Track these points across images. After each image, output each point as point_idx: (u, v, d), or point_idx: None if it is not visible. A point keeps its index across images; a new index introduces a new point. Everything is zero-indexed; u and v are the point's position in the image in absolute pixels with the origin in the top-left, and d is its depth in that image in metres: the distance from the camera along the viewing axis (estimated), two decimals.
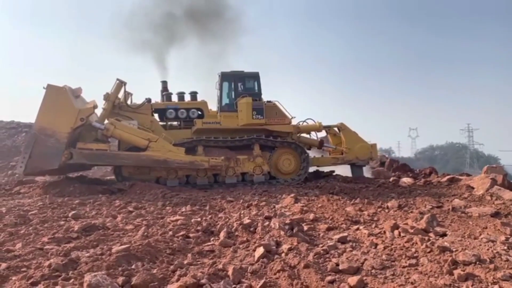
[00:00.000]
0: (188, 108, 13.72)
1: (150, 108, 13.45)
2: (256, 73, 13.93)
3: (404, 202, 7.88)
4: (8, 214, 7.30)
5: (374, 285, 3.47)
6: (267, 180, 13.02)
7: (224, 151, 12.97)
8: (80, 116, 11.28)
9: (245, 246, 4.92)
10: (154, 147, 11.91)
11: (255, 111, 13.14)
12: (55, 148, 10.96)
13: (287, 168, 13.44)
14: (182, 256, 4.54)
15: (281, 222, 5.76)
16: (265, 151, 13.35)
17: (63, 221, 6.76)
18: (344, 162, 14.64)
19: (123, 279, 3.37)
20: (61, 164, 11.12)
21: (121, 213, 7.58)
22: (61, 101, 11.24)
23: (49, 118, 11.09)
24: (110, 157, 12.06)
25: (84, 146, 11.70)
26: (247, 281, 3.61)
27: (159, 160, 11.92)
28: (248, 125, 13.16)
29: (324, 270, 3.87)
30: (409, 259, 4.10)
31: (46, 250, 4.72)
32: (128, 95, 13.35)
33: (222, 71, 13.83)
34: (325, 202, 8.10)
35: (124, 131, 12.03)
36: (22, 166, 10.98)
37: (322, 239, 5.28)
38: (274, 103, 13.71)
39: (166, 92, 14.25)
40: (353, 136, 14.73)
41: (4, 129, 23.54)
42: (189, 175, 12.62)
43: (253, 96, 13.41)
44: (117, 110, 12.89)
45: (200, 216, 7.12)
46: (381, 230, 5.45)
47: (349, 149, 14.46)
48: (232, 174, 12.91)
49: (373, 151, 14.66)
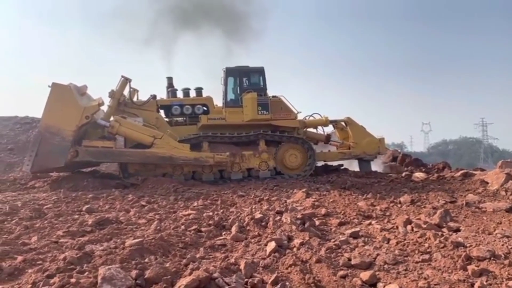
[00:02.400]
0: (193, 104, 13.74)
1: (155, 105, 13.50)
2: (261, 68, 13.87)
3: (417, 197, 7.82)
4: (24, 208, 7.43)
5: (387, 280, 3.45)
6: (273, 175, 12.97)
7: (229, 147, 12.95)
8: (85, 113, 11.37)
9: (256, 241, 4.93)
10: (159, 144, 11.98)
11: (260, 107, 13.12)
12: (61, 146, 11.07)
13: (293, 163, 13.38)
14: (195, 250, 4.57)
15: (292, 216, 5.77)
16: (271, 146, 13.30)
17: (77, 215, 6.86)
18: (351, 157, 14.53)
19: (137, 272, 3.40)
20: (67, 162, 11.25)
21: (134, 207, 7.66)
22: (66, 99, 11.34)
23: (55, 116, 11.20)
24: (116, 154, 12.16)
25: (90, 143, 11.82)
26: (259, 275, 3.62)
27: (164, 156, 11.98)
28: (253, 120, 13.13)
29: (336, 265, 3.86)
30: (422, 255, 4.07)
31: (61, 244, 4.80)
32: (135, 91, 13.40)
33: (227, 67, 13.81)
34: (337, 197, 8.08)
35: (129, 128, 12.10)
36: (29, 164, 11.13)
37: (334, 234, 5.27)
38: (279, 98, 13.62)
39: (172, 88, 14.27)
40: (360, 130, 14.59)
41: (19, 124, 23.82)
42: (195, 171, 12.63)
43: (258, 91, 13.38)
44: (123, 107, 12.94)
45: (212, 210, 7.16)
46: (394, 225, 5.42)
47: (356, 144, 14.33)
48: (237, 170, 12.91)
49: (381, 145, 14.51)
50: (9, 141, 20.29)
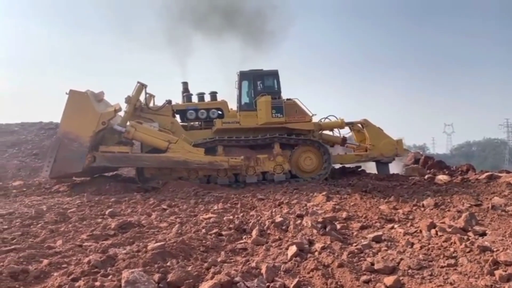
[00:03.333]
0: (208, 109, 13.75)
1: (170, 110, 13.60)
2: (275, 71, 13.78)
3: (441, 200, 7.65)
4: (49, 212, 7.59)
5: (412, 286, 3.39)
6: (288, 179, 12.86)
7: (244, 151, 12.92)
8: (101, 119, 11.54)
9: (277, 245, 4.91)
10: (174, 148, 12.06)
11: (274, 110, 13.02)
12: (78, 152, 11.26)
13: (308, 166, 13.24)
14: (216, 254, 4.59)
15: (313, 220, 5.73)
16: (286, 149, 13.19)
17: (100, 218, 6.98)
18: (368, 159, 14.31)
19: (159, 276, 3.44)
20: (85, 167, 11.42)
21: (155, 211, 7.74)
22: (83, 106, 11.56)
23: (72, 122, 11.43)
24: (132, 159, 12.30)
25: (106, 149, 12.01)
26: (281, 279, 3.60)
27: (179, 161, 12.06)
28: (267, 123, 13.05)
29: (358, 270, 3.82)
30: (448, 259, 3.97)
31: (85, 247, 4.89)
32: (151, 97, 13.55)
33: (240, 70, 13.78)
34: (358, 200, 7.98)
35: (144, 133, 12.22)
36: (48, 170, 11.38)
37: (355, 238, 5.21)
38: (294, 101, 13.50)
39: (187, 93, 14.34)
40: (378, 132, 14.31)
41: (43, 129, 24.44)
42: (210, 175, 12.65)
43: (273, 94, 13.29)
44: (139, 113, 13.08)
45: (232, 214, 7.17)
46: (417, 229, 5.32)
47: (373, 146, 14.04)
48: (252, 174, 12.84)
49: (399, 147, 14.19)
50: (34, 146, 20.81)
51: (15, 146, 21.50)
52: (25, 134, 23.97)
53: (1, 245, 4.97)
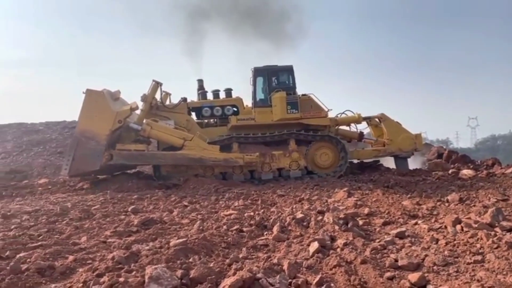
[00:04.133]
0: (223, 106, 13.81)
1: (186, 107, 13.68)
2: (290, 66, 13.70)
3: (466, 195, 7.48)
4: (73, 209, 7.76)
5: (437, 282, 3.32)
6: (304, 175, 12.78)
7: (259, 147, 12.90)
8: (118, 118, 11.74)
9: (299, 241, 4.88)
10: (189, 145, 12.17)
11: (289, 105, 12.96)
12: (96, 150, 11.48)
13: (324, 162, 13.13)
14: (237, 250, 4.59)
15: (335, 216, 5.67)
16: (301, 145, 13.11)
17: (124, 215, 7.09)
18: (386, 154, 14.04)
19: (182, 272, 3.46)
20: (102, 165, 11.62)
21: (177, 207, 7.82)
22: (99, 105, 11.76)
23: (89, 121, 11.66)
24: (148, 157, 12.48)
25: (123, 147, 12.19)
26: (303, 276, 3.58)
27: (194, 158, 12.15)
28: (282, 120, 12.99)
29: (382, 266, 3.76)
30: (474, 255, 3.87)
31: (109, 243, 4.97)
32: (167, 95, 13.68)
33: (255, 66, 13.73)
34: (380, 196, 7.86)
35: (160, 131, 12.38)
36: (67, 168, 11.64)
37: (378, 234, 5.14)
38: (309, 96, 13.39)
39: (202, 91, 14.39)
40: (395, 126, 14.06)
41: (67, 128, 24.94)
42: (226, 172, 12.67)
43: (288, 90, 13.23)
44: (155, 111, 13.21)
45: (253, 210, 7.17)
46: (442, 225, 5.19)
47: (391, 141, 13.80)
48: (268, 170, 12.82)
49: (417, 141, 13.91)
50: (58, 145, 21.28)
51: (40, 144, 22.04)
52: (50, 133, 24.55)
53: (28, 242, 5.10)
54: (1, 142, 23.16)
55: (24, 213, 7.43)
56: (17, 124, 26.98)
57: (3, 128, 26.13)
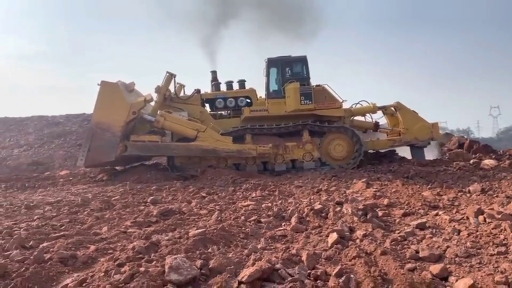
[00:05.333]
0: (236, 97, 13.76)
1: (199, 99, 13.69)
2: (304, 57, 13.54)
3: (488, 185, 7.32)
4: (94, 200, 7.90)
5: (460, 274, 3.26)
6: (318, 166, 12.69)
7: (272, 139, 12.83)
8: (132, 109, 11.84)
9: (317, 232, 4.86)
10: (202, 137, 12.21)
11: (303, 96, 12.82)
12: (111, 141, 11.62)
13: (338, 153, 13.00)
14: (255, 241, 4.60)
15: (353, 207, 5.63)
16: (315, 137, 12.99)
17: (143, 206, 7.18)
18: (402, 143, 13.70)
19: (201, 262, 3.48)
20: (117, 156, 11.76)
21: (195, 198, 7.87)
22: (114, 97, 11.87)
23: (104, 113, 11.78)
24: (162, 148, 12.54)
25: (137, 138, 12.29)
26: (322, 267, 3.56)
27: (208, 149, 12.19)
28: (296, 111, 12.89)
29: (402, 258, 3.71)
30: (498, 247, 3.78)
31: (129, 234, 5.04)
32: (181, 86, 13.77)
33: (268, 57, 13.61)
34: (400, 187, 7.77)
35: (173, 123, 12.43)
36: (83, 159, 11.80)
37: (398, 225, 5.07)
38: (323, 87, 13.24)
39: (215, 82, 14.36)
40: (412, 115, 13.73)
41: (86, 121, 25.29)
42: (239, 163, 12.66)
43: (301, 80, 13.09)
44: (169, 102, 13.26)
45: (270, 201, 7.17)
46: (464, 216, 5.10)
47: (407, 130, 13.48)
48: (281, 161, 12.76)
49: (434, 130, 13.56)
50: (78, 137, 21.64)
51: (60, 137, 22.48)
52: (70, 125, 25.00)
53: (51, 232, 5.21)
54: (23, 135, 23.70)
55: (46, 204, 7.60)
56: (38, 116, 27.52)
57: (25, 120, 26.72)
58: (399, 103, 13.97)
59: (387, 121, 14.64)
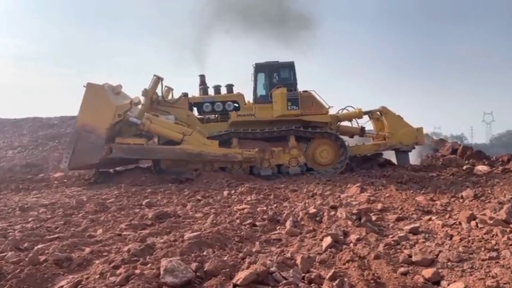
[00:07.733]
0: (224, 101, 13.82)
1: (187, 103, 13.73)
2: (291, 62, 13.66)
3: (481, 191, 7.39)
4: (89, 202, 7.88)
5: (451, 278, 3.30)
6: (303, 171, 12.75)
7: (259, 143, 12.88)
8: (117, 112, 11.77)
9: (311, 236, 4.90)
10: (188, 140, 12.21)
11: (290, 102, 12.93)
12: (96, 144, 11.55)
13: (324, 159, 13.10)
14: (250, 244, 4.62)
15: (348, 211, 5.67)
16: (301, 142, 13.08)
17: (138, 208, 7.18)
18: (387, 148, 13.96)
19: (196, 265, 3.50)
20: (102, 158, 11.69)
21: (190, 201, 7.89)
22: (100, 99, 11.79)
23: (90, 115, 11.71)
24: (147, 151, 12.49)
25: (122, 141, 12.24)
26: (316, 270, 3.59)
27: (193, 153, 12.19)
28: (283, 116, 12.99)
29: (396, 262, 3.75)
30: (489, 252, 3.84)
31: (124, 236, 5.05)
32: (169, 90, 13.78)
33: (256, 62, 13.70)
34: (393, 192, 7.83)
35: (159, 126, 12.42)
36: (67, 161, 11.74)
37: (391, 229, 5.12)
38: (310, 93, 13.39)
39: (203, 86, 14.42)
40: (397, 120, 13.92)
41: None
42: (225, 167, 12.66)
43: (289, 86, 13.20)
44: (156, 105, 13.30)
45: (265, 205, 7.19)
46: (456, 221, 5.16)
47: (391, 134, 13.68)
48: (267, 166, 12.81)
49: (419, 135, 13.77)
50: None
51: (55, 139, 22.39)
52: (64, 127, 24.90)
53: (46, 234, 5.21)
54: (18, 136, 23.59)
55: (41, 206, 7.58)
56: (32, 118, 27.41)
57: (19, 122, 26.60)
58: (384, 107, 14.14)
59: (373, 125, 14.78)
